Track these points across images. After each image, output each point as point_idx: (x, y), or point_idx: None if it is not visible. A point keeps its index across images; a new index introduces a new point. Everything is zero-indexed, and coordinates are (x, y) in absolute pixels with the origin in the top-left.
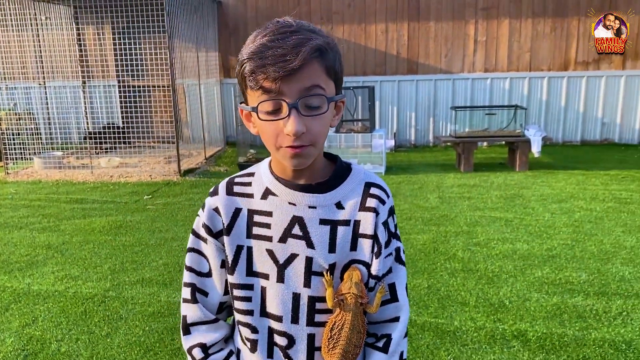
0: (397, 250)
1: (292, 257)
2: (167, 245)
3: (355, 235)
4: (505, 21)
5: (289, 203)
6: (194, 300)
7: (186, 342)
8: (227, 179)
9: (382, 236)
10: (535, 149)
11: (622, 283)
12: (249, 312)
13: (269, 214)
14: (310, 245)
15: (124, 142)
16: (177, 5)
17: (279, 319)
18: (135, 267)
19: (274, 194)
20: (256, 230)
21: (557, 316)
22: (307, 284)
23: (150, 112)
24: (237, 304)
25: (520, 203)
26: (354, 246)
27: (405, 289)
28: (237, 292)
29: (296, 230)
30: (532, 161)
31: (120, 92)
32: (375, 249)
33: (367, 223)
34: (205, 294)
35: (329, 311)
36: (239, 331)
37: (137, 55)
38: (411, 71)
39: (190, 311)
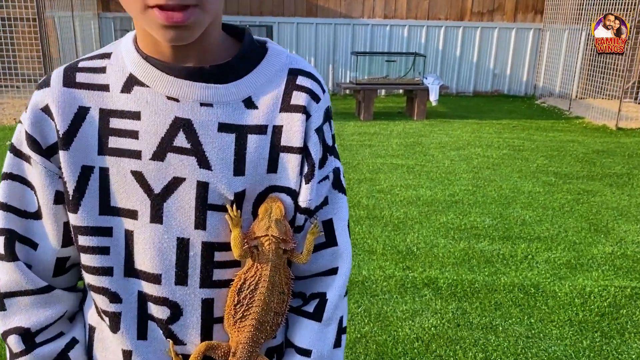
0: (336, 172)
1: (176, 182)
2: None
3: (275, 149)
4: None
5: (168, 98)
6: (11, 256)
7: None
8: (66, 64)
9: (316, 150)
10: (433, 97)
11: (524, 227)
12: (106, 271)
13: (134, 115)
14: (203, 163)
15: None
16: None
17: (155, 279)
18: None
19: (142, 84)
20: (114, 142)
21: (465, 262)
22: (200, 224)
23: (12, 47)
24: (86, 259)
25: (420, 150)
26: (272, 165)
27: (347, 227)
28: (84, 241)
29: (181, 140)
30: (429, 110)
31: None
32: (306, 170)
33: (292, 130)
34: (33, 245)
35: (236, 264)
36: (93, 300)
37: None
38: (310, 13)
39: (5, 274)
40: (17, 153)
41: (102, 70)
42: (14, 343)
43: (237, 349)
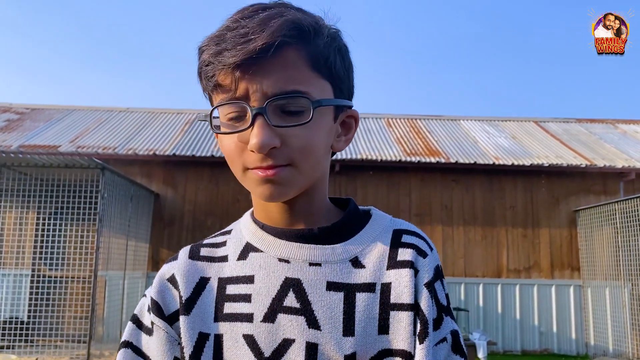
0: (455, 334)
1: (286, 344)
2: None
3: (385, 307)
4: (439, 227)
5: (279, 260)
6: None
7: None
8: (193, 243)
9: (428, 306)
10: (482, 354)
11: None
12: None
13: (248, 279)
14: (312, 323)
15: (25, 340)
16: (114, 192)
17: None
18: None
19: (257, 250)
20: (229, 308)
21: None
22: None
23: (62, 306)
24: None
25: None
26: (384, 325)
27: None
28: None
29: (290, 300)
30: None
31: (32, 282)
32: (419, 328)
33: (401, 285)
34: None
35: None
36: None
37: (60, 242)
38: None
39: None
40: (138, 324)
41: (223, 244)
42: None
43: None
